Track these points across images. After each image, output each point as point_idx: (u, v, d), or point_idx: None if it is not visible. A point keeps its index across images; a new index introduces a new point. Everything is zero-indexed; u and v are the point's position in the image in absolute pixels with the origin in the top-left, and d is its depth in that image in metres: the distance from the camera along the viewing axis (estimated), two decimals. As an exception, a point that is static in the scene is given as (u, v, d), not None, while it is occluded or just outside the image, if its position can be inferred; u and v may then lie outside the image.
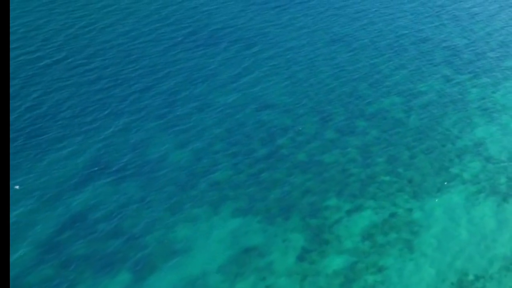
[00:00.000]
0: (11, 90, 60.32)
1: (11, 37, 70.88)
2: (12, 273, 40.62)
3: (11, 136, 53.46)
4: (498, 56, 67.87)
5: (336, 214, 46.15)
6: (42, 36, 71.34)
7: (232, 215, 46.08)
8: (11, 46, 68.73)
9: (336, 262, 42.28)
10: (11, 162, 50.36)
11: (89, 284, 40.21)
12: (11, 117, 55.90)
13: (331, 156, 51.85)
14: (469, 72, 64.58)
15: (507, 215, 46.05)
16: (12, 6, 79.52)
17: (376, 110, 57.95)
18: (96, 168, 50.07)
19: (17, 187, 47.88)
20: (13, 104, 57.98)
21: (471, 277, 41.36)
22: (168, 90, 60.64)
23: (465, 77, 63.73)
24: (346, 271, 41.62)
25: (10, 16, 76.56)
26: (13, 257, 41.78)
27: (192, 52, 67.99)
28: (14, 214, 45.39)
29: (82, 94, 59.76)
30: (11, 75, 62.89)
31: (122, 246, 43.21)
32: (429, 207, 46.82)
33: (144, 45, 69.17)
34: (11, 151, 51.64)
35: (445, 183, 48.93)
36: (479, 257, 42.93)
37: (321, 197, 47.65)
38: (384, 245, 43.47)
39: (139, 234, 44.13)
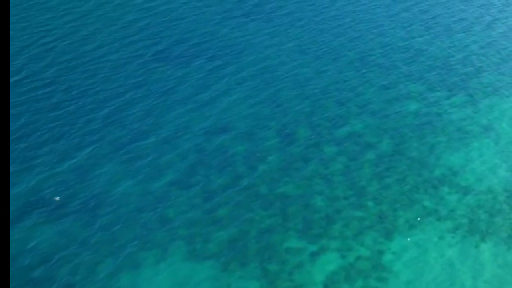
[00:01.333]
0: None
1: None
2: None
3: None
4: (479, 72, 62.21)
5: (298, 257, 40.55)
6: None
7: (182, 259, 40.46)
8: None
9: (293, 318, 36.79)
10: None
11: None
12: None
13: (295, 188, 46.21)
14: (449, 89, 58.92)
15: (486, 257, 40.52)
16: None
17: (346, 134, 52.28)
18: (34, 203, 44.31)
19: (57, 198, 44.82)
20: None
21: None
22: (123, 111, 54.84)
23: (444, 94, 58.09)
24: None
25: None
26: None
27: (158, 69, 62.18)
28: None
29: (35, 117, 53.95)
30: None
31: (54, 300, 37.59)
32: (400, 247, 41.26)
33: (108, 64, 63.29)
34: None
35: (418, 219, 43.34)
36: (454, 309, 37.52)
37: (282, 236, 42.04)
38: (349, 296, 37.97)
39: (77, 282, 38.44)
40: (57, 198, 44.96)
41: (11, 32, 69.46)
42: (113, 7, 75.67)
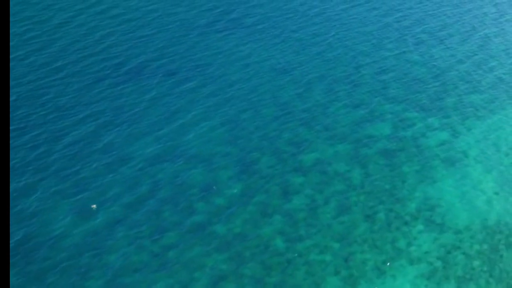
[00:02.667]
0: None
1: None
2: None
3: None
4: (458, 90, 56.82)
5: (252, 310, 35.12)
6: None
7: (122, 314, 34.98)
8: None
9: None
10: None
11: None
12: None
13: (254, 227, 40.75)
14: (426, 110, 53.53)
15: (462, 309, 35.24)
16: None
17: (313, 161, 46.84)
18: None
19: (94, 206, 42.31)
20: None
21: None
22: (80, 140, 49.22)
23: (421, 115, 52.69)
24: None
25: None
26: None
27: (119, 88, 56.55)
28: None
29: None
30: None
31: None
32: (367, 298, 35.89)
33: (64, 81, 57.56)
34: None
35: (388, 264, 37.94)
36: None
37: (236, 286, 36.53)
38: None
39: None
40: (94, 206, 42.29)
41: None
42: (68, 19, 69.80)
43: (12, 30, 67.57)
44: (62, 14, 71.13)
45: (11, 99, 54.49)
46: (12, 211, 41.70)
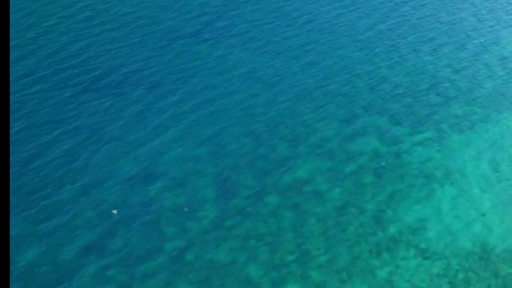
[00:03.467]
0: None
1: None
2: None
3: None
4: (447, 102, 53.86)
5: None
6: None
7: None
8: None
9: None
10: None
11: None
12: None
13: (228, 253, 37.99)
14: (413, 123, 50.61)
15: None
16: None
17: (293, 180, 43.98)
18: None
19: (115, 211, 41.04)
20: None
21: None
22: (52, 160, 46.22)
23: (407, 129, 49.78)
24: None
25: None
26: None
27: (96, 102, 53.58)
28: None
29: None
30: None
31: None
32: (345, 333, 33.04)
33: (40, 95, 54.62)
34: None
35: None
36: None
37: (205, 320, 33.74)
38: None
39: None
40: (115, 211, 41.07)
41: None
42: (46, 28, 66.68)
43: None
44: (41, 22, 68.08)
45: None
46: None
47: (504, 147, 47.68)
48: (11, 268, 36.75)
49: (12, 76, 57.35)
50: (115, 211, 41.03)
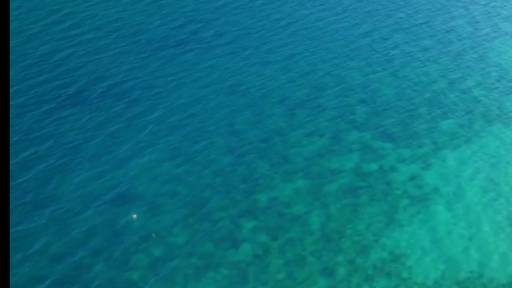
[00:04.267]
0: None
1: None
2: None
3: None
4: (436, 115, 50.85)
5: None
6: None
7: None
8: None
9: None
10: None
11: None
12: None
13: (195, 285, 34.98)
14: (398, 138, 47.67)
15: None
16: None
17: (269, 202, 41.09)
18: None
19: (134, 216, 39.77)
20: None
21: None
22: (23, 183, 43.55)
23: (391, 145, 46.82)
24: None
25: None
26: None
27: (73, 118, 50.83)
28: None
29: None
30: None
31: None
32: None
33: (12, 111, 51.88)
34: None
35: None
36: None
37: None
38: None
39: None
40: (135, 216, 39.87)
41: None
42: (27, 37, 63.91)
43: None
44: (22, 31, 65.36)
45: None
46: None
47: (499, 165, 44.66)
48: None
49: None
50: (134, 216, 39.53)
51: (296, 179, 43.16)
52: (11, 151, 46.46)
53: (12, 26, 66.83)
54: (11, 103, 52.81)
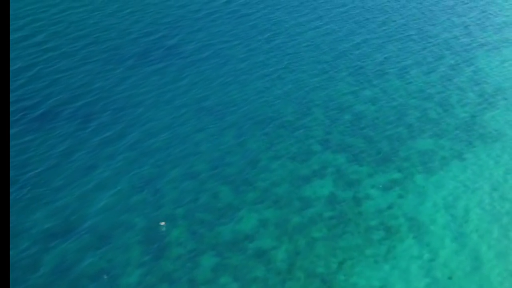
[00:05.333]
0: None
1: None
2: None
3: None
4: (414, 134, 46.96)
5: None
6: None
7: None
8: None
9: None
10: None
11: None
12: None
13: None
14: (374, 162, 43.75)
15: None
16: None
17: (234, 235, 37.13)
18: None
19: (163, 223, 37.80)
20: None
21: None
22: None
23: (366, 169, 42.95)
24: None
25: None
26: None
27: (26, 139, 46.57)
28: None
29: None
30: None
31: None
32: None
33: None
34: None
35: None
36: None
37: None
38: None
39: None
40: (163, 223, 37.84)
41: None
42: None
43: None
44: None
45: None
46: None
47: (480, 190, 40.92)
48: None
49: None
50: (163, 223, 37.62)
51: (263, 209, 39.19)
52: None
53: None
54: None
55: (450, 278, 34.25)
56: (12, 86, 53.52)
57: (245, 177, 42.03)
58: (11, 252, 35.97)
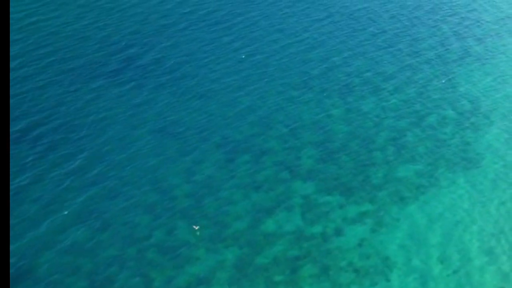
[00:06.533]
0: None
1: None
2: None
3: None
4: (389, 161, 42.73)
5: None
6: None
7: None
8: None
9: None
10: None
11: None
12: None
13: None
14: (346, 192, 39.46)
15: None
16: None
17: (188, 282, 32.72)
18: None
19: (196, 227, 35.94)
20: None
21: None
22: None
23: (337, 199, 38.70)
24: None
25: None
26: None
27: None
28: None
29: None
30: None
31: None
32: None
33: None
34: None
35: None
36: None
37: None
38: None
39: None
40: (196, 227, 35.96)
41: None
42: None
43: None
44: None
45: None
46: None
47: (461, 224, 36.72)
48: None
49: None
50: (196, 227, 35.89)
51: (223, 248, 34.90)
52: None
53: None
54: None
55: (425, 328, 30.06)
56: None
57: (204, 210, 37.71)
58: None
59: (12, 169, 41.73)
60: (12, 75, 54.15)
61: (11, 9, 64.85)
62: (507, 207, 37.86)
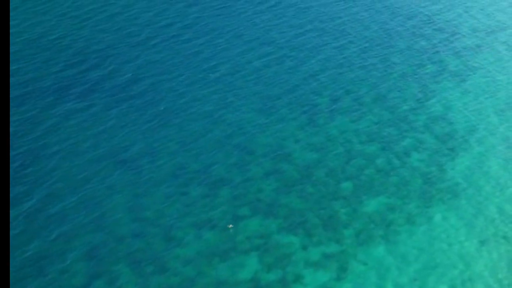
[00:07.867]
0: None
1: None
2: None
3: None
4: (358, 195, 37.84)
5: None
6: None
7: None
8: None
9: None
10: None
11: None
12: None
13: None
14: (310, 233, 34.74)
15: None
16: None
17: None
18: None
19: (230, 226, 34.47)
20: None
21: None
22: None
23: (299, 241, 34.04)
24: None
25: None
26: None
27: None
28: None
29: None
30: None
31: None
32: None
33: None
34: None
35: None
36: None
37: None
38: None
39: None
40: (230, 225, 34.61)
41: None
42: None
43: None
44: None
45: None
46: None
47: (439, 267, 31.99)
48: None
49: None
50: (230, 226, 34.42)
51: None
52: None
53: None
54: None
55: None
56: None
57: (153, 254, 32.92)
58: None
59: None
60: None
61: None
62: (488, 248, 33.18)
